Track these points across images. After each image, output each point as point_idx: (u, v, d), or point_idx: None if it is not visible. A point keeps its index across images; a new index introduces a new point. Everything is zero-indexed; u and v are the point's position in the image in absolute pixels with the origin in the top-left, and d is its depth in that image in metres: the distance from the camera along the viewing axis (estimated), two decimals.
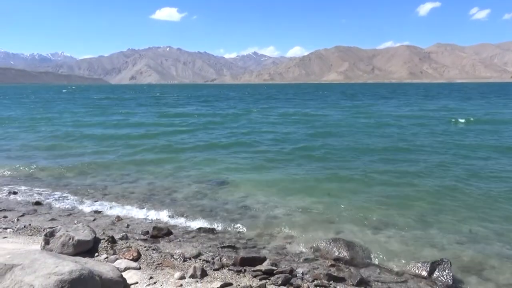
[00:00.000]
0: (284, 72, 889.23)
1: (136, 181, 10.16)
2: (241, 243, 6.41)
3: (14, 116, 30.00)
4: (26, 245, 5.89)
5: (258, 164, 12.32)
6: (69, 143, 16.95)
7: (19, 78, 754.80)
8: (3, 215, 7.45)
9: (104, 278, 4.12)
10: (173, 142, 16.92)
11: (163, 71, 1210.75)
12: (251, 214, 7.81)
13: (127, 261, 5.22)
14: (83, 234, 5.60)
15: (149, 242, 6.33)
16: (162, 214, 7.76)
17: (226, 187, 9.70)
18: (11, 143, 16.88)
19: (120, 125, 24.12)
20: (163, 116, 30.30)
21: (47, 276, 3.66)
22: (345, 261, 5.61)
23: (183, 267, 5.24)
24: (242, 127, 22.40)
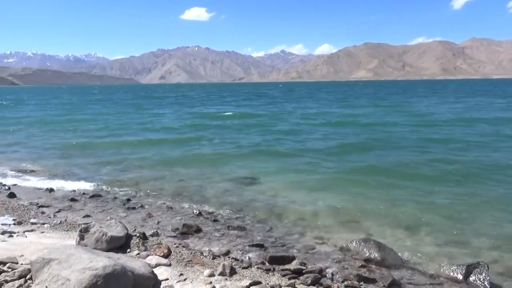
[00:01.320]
0: (312, 70, 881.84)
1: (167, 179, 10.33)
2: (269, 242, 6.40)
3: (52, 115, 31.15)
4: (62, 240, 6.09)
5: (286, 163, 12.27)
6: (103, 140, 17.45)
7: (55, 79, 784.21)
8: (41, 211, 7.74)
9: (136, 273, 4.21)
10: (203, 141, 17.12)
11: (192, 70, 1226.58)
12: (279, 213, 7.78)
13: (158, 258, 5.31)
14: (115, 230, 5.74)
15: (179, 239, 6.43)
16: (191, 211, 7.86)
17: (255, 186, 9.72)
18: (50, 141, 17.56)
19: (152, 123, 24.62)
20: (199, 116, 30.62)
21: (82, 270, 3.78)
22: (375, 262, 5.50)
23: (212, 264, 5.28)
24: (275, 126, 22.29)
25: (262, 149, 14.77)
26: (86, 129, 22.25)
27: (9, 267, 4.59)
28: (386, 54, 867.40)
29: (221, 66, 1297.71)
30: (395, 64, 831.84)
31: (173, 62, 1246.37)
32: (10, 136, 19.73)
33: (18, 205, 8.06)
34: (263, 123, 23.32)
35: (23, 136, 19.52)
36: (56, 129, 22.35)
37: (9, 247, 5.49)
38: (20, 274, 4.31)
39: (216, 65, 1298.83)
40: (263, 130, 20.22)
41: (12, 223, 6.83)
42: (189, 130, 21.16)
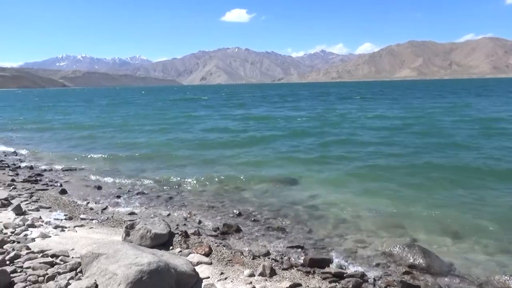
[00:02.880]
0: (352, 70, 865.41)
1: (208, 178, 10.51)
2: (309, 244, 6.35)
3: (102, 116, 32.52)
4: (109, 235, 6.36)
5: (327, 164, 12.13)
6: (148, 139, 18.05)
7: (102, 81, 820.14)
8: (90, 207, 8.12)
9: (179, 271, 4.32)
10: (244, 142, 17.27)
11: (232, 71, 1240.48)
12: (319, 215, 7.70)
13: (199, 256, 5.42)
14: (159, 228, 5.92)
15: (219, 238, 6.52)
16: (231, 211, 7.95)
17: (295, 187, 9.68)
18: (102, 141, 18.41)
19: (197, 124, 25.14)
20: (241, 118, 30.87)
21: (129, 266, 3.92)
22: (420, 269, 5.30)
23: (252, 264, 5.32)
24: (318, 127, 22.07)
25: (302, 150, 14.66)
26: (135, 129, 23.08)
27: (61, 259, 4.86)
28: (431, 52, 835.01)
29: (260, 67, 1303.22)
30: (441, 63, 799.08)
31: (213, 63, 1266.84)
32: (60, 135, 20.88)
33: (69, 201, 8.49)
34: (314, 126, 22.81)
35: (83, 136, 20.56)
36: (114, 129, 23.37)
37: (61, 241, 5.80)
38: (71, 267, 4.54)
39: (256, 66, 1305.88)
40: (309, 132, 20.02)
41: (63, 218, 7.22)
42: (231, 131, 21.39)
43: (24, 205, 7.69)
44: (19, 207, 7.34)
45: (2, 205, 7.61)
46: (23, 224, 6.46)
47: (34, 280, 4.22)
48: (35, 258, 4.83)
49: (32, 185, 9.93)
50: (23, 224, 6.46)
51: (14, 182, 10.01)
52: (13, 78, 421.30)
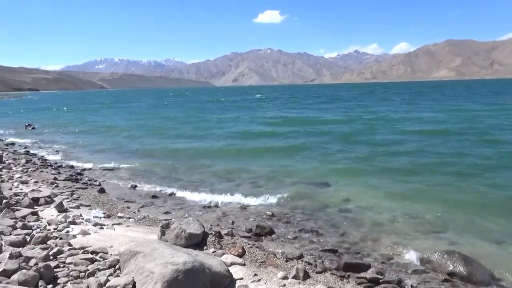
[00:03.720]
0: (387, 70, 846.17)
1: (241, 179, 10.58)
2: (343, 248, 6.25)
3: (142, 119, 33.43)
4: (145, 234, 6.51)
5: (361, 166, 11.91)
6: (182, 141, 18.40)
7: (138, 83, 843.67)
8: (127, 206, 8.35)
9: (213, 271, 4.37)
10: (277, 142, 17.26)
11: (264, 72, 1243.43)
12: (353, 218, 7.57)
13: (233, 257, 5.45)
14: (193, 227, 6.01)
15: (252, 239, 6.53)
16: (263, 212, 7.96)
17: (329, 190, 9.57)
18: (139, 142, 18.93)
19: (232, 126, 25.39)
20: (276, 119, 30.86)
21: (165, 265, 4.00)
22: (461, 277, 5.10)
23: (285, 267, 5.29)
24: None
25: (335, 153, 14.47)
26: (170, 131, 23.59)
27: (100, 256, 5.03)
28: (471, 51, 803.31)
29: (292, 68, 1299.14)
30: (481, 62, 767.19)
31: (245, 65, 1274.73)
32: (103, 137, 21.64)
33: (107, 200, 8.78)
34: (350, 128, 22.40)
35: (119, 137, 21.25)
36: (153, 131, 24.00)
37: (100, 238, 6.01)
38: (110, 264, 4.69)
39: (288, 67, 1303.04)
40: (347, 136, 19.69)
41: (102, 216, 7.46)
42: (265, 132, 21.44)
43: (66, 203, 8.02)
44: (61, 204, 7.66)
45: (45, 202, 7.96)
46: (65, 221, 6.73)
47: (75, 275, 4.39)
48: (77, 254, 5.02)
49: (72, 183, 10.33)
50: (65, 221, 6.73)
51: (56, 180, 10.45)
52: (55, 80, 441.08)
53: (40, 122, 31.47)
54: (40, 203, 7.87)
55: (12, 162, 12.96)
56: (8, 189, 8.86)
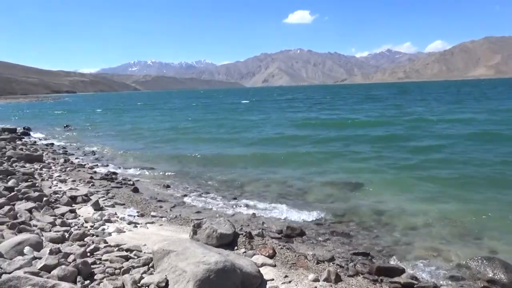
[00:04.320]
0: (421, 69, 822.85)
1: (271, 180, 10.58)
2: (376, 251, 6.13)
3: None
4: (177, 233, 6.62)
5: (395, 167, 11.62)
6: (213, 142, 18.62)
7: (170, 84, 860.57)
8: (159, 205, 8.53)
9: (245, 271, 4.38)
10: (309, 142, 17.15)
11: (294, 73, 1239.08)
12: (386, 221, 7.41)
13: (263, 258, 5.45)
14: (224, 228, 6.05)
15: (283, 241, 6.51)
16: (294, 214, 7.92)
17: (361, 191, 9.40)
18: (171, 143, 19.32)
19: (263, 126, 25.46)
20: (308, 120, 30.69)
21: (197, 264, 4.05)
22: (502, 285, 4.88)
23: (316, 269, 5.24)
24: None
25: (367, 154, 14.21)
26: (201, 132, 23.93)
27: (135, 254, 5.15)
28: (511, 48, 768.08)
29: (323, 68, 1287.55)
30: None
31: (275, 65, 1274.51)
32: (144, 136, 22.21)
33: (141, 199, 8.99)
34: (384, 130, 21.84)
35: (152, 138, 21.77)
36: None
37: (135, 236, 6.16)
38: (144, 262, 4.80)
39: (318, 67, 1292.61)
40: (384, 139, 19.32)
41: (136, 214, 7.65)
42: (296, 135, 21.35)
43: (102, 201, 8.28)
44: (97, 203, 7.92)
45: (82, 201, 8.25)
46: (100, 219, 6.95)
47: (111, 272, 4.52)
48: (112, 252, 5.17)
49: (108, 182, 10.65)
50: (101, 219, 6.95)
51: (92, 179, 10.81)
52: (91, 83, 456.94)
53: (77, 123, 32.69)
54: (78, 201, 8.17)
55: (52, 161, 13.52)
56: (48, 187, 9.25)
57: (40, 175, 10.80)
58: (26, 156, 13.17)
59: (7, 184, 8.51)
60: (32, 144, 18.48)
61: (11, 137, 19.45)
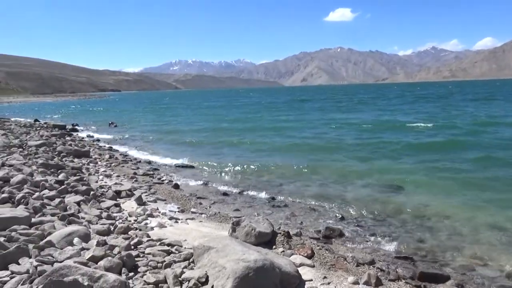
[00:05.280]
0: (469, 68, 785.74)
1: (310, 180, 10.50)
2: (419, 256, 5.93)
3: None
4: (216, 230, 6.72)
5: (439, 171, 11.16)
6: (253, 142, 18.73)
7: (210, 83, 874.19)
8: (199, 202, 8.69)
9: (283, 270, 4.38)
10: (347, 143, 16.88)
11: (333, 72, 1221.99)
12: (430, 226, 7.14)
13: (302, 257, 5.42)
14: (263, 226, 6.07)
15: (321, 241, 6.44)
16: (333, 214, 7.82)
17: (403, 194, 9.12)
18: (211, 141, 19.66)
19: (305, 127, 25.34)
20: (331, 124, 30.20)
21: (237, 261, 4.09)
22: None
23: (356, 272, 5.15)
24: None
25: (413, 157, 13.74)
26: (240, 131, 24.14)
27: (176, 249, 5.28)
28: None
29: (363, 67, 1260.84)
30: None
31: (314, 64, 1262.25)
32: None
33: (181, 195, 9.20)
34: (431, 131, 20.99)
35: (193, 136, 22.24)
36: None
37: (175, 232, 6.31)
38: (185, 257, 4.91)
39: (359, 66, 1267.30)
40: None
41: (177, 210, 7.84)
42: (337, 137, 21.07)
43: (144, 197, 8.55)
44: (140, 198, 8.19)
45: (126, 195, 8.56)
46: (143, 214, 7.18)
47: (154, 265, 4.66)
48: (154, 246, 5.33)
49: (150, 178, 10.99)
50: (144, 214, 7.18)
51: (135, 175, 11.19)
52: (134, 81, 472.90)
53: (121, 120, 33.93)
54: (122, 196, 8.48)
55: (98, 157, 14.13)
56: (95, 181, 9.67)
57: (87, 169, 11.31)
58: (74, 151, 13.84)
59: (57, 178, 8.98)
60: (80, 140, 19.41)
61: (61, 133, 20.52)
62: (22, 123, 27.64)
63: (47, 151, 13.56)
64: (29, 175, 8.77)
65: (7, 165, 9.94)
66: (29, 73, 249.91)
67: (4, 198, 6.77)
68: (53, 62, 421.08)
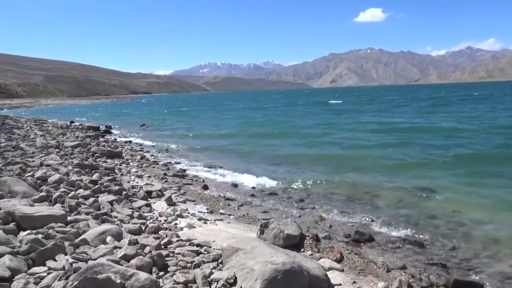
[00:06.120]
0: (507, 68, 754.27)
1: (339, 183, 10.36)
2: (452, 263, 5.73)
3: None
4: (244, 231, 6.75)
5: (476, 177, 10.73)
6: (281, 143, 18.71)
7: (239, 85, 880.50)
8: (228, 203, 8.75)
9: (312, 274, 4.34)
10: (375, 145, 16.58)
11: (363, 73, 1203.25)
12: (464, 231, 6.89)
13: (330, 261, 5.36)
14: (291, 229, 6.04)
15: (350, 245, 6.35)
16: (363, 218, 7.68)
17: (435, 199, 8.84)
18: (239, 143, 19.78)
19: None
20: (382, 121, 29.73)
21: (265, 263, 4.09)
22: None
23: (386, 277, 5.04)
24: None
25: (443, 160, 13.32)
26: (269, 132, 24.18)
27: (205, 250, 5.35)
28: None
29: (394, 68, 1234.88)
30: None
31: (344, 65, 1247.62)
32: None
33: (210, 196, 9.30)
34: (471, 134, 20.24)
35: (222, 138, 22.46)
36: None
37: (204, 232, 6.39)
38: (214, 258, 4.96)
39: (390, 67, 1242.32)
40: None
41: (206, 211, 7.94)
42: (365, 134, 20.74)
43: (174, 197, 8.70)
44: (170, 198, 8.34)
45: (157, 196, 8.74)
46: (173, 214, 7.31)
47: (183, 265, 4.74)
48: (184, 246, 5.41)
49: (180, 179, 11.17)
50: (173, 214, 7.31)
51: (166, 176, 11.40)
52: (165, 84, 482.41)
53: (152, 122, 34.68)
54: (153, 196, 8.67)
55: (130, 158, 14.50)
56: (127, 182, 9.93)
57: (120, 170, 11.62)
58: (107, 152, 14.26)
59: (92, 178, 9.28)
60: (112, 141, 19.97)
61: (95, 135, 21.21)
62: (59, 124, 28.73)
63: (82, 151, 14.04)
64: (65, 174, 9.11)
65: (45, 165, 10.36)
66: (66, 77, 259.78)
67: (42, 197, 7.06)
68: (87, 66, 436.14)
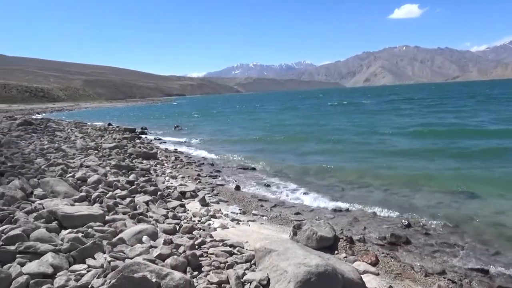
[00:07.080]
0: None
1: (374, 185, 10.14)
2: (495, 268, 5.47)
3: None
4: (277, 232, 6.73)
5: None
6: (314, 144, 18.55)
7: (271, 86, 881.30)
8: (260, 204, 8.76)
9: (346, 277, 4.27)
10: (411, 148, 16.12)
11: (398, 71, 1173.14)
12: (508, 236, 6.56)
13: (365, 264, 5.25)
14: (324, 230, 5.97)
15: (386, 248, 6.20)
16: (398, 221, 7.47)
17: (476, 201, 8.48)
18: (270, 145, 19.80)
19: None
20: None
21: (298, 265, 4.06)
22: None
23: (425, 282, 4.88)
24: None
25: (487, 161, 12.74)
26: (303, 133, 24.04)
27: (238, 250, 5.37)
28: None
29: (431, 65, 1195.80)
30: None
31: (378, 64, 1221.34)
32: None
33: (243, 197, 9.34)
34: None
35: (255, 139, 22.57)
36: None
37: (237, 233, 6.42)
38: (247, 259, 4.97)
39: (426, 64, 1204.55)
40: None
41: (238, 212, 7.98)
42: (397, 136, 20.23)
43: (207, 198, 8.80)
44: (204, 199, 8.44)
45: (191, 196, 8.87)
46: (206, 214, 7.39)
47: (217, 265, 4.78)
48: (217, 246, 5.46)
49: (213, 180, 11.30)
50: (207, 214, 7.39)
51: (199, 176, 11.56)
52: (198, 86, 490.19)
53: (185, 123, 35.29)
54: (187, 197, 8.80)
55: (164, 159, 14.81)
56: (161, 182, 10.14)
57: (155, 171, 11.90)
58: (143, 153, 14.63)
59: (128, 178, 9.55)
60: (148, 143, 20.47)
61: (131, 136, 21.83)
62: (97, 126, 29.76)
63: (119, 153, 14.48)
64: (103, 175, 9.42)
65: (84, 166, 10.76)
66: (104, 80, 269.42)
67: (82, 197, 7.33)
68: (124, 70, 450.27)
